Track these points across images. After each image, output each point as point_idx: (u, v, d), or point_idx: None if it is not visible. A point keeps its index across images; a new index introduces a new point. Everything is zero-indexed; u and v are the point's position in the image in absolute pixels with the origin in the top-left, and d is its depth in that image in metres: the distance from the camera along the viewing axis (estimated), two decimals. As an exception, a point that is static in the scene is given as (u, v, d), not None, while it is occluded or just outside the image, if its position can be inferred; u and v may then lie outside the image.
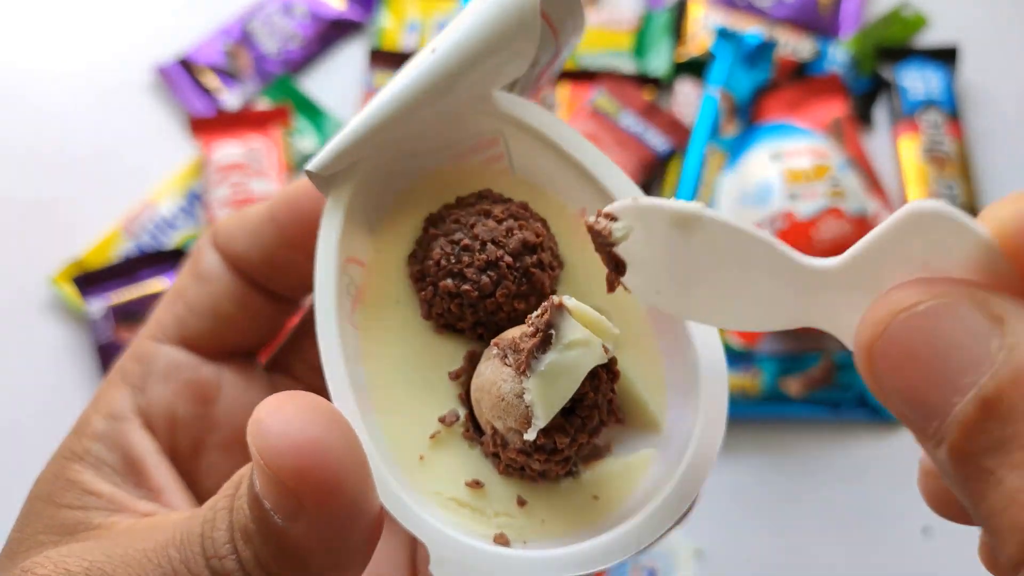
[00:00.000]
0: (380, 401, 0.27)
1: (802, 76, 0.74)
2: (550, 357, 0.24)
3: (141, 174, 0.72)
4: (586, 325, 0.25)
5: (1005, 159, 0.72)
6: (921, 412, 0.18)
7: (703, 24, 0.76)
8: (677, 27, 0.76)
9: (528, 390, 0.24)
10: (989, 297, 0.17)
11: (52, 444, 0.30)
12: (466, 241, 0.27)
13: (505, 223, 0.27)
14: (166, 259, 0.68)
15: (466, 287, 0.27)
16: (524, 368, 0.24)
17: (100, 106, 0.75)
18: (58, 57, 0.77)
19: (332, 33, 0.77)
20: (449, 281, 0.27)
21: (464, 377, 0.28)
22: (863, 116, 0.73)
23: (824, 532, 0.60)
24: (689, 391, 0.27)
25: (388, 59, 0.75)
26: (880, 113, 0.74)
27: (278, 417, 0.22)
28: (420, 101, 0.26)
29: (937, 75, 0.73)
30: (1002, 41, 0.76)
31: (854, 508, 0.60)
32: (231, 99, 0.75)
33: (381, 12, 0.78)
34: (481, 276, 0.27)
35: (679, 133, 0.71)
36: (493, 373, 0.25)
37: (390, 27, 0.77)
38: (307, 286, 0.32)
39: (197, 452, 0.31)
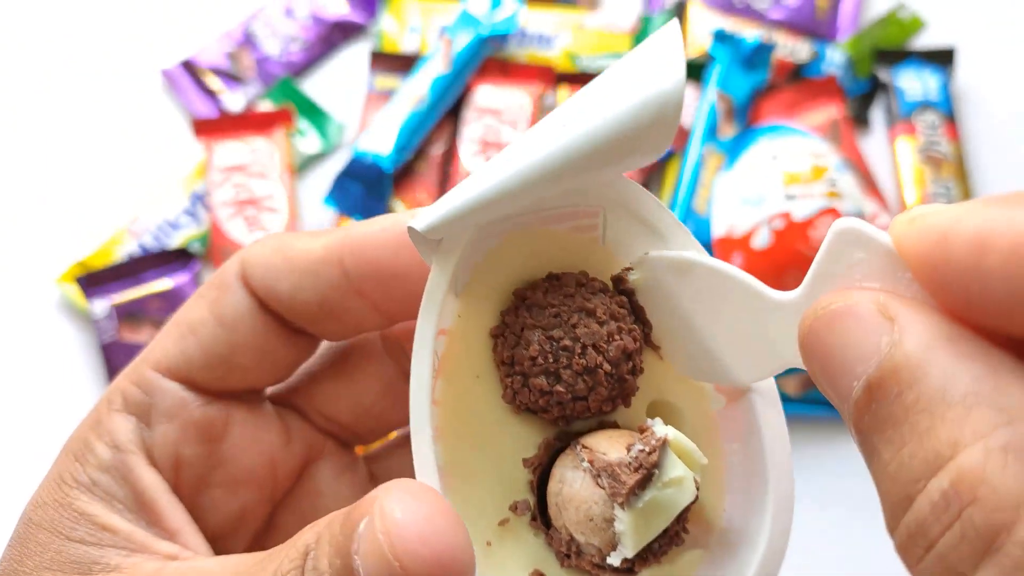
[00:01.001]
0: (454, 483, 0.26)
1: (799, 78, 0.74)
2: (649, 495, 0.24)
3: (145, 175, 0.73)
4: (679, 455, 0.25)
5: (1001, 160, 0.72)
6: (835, 395, 0.21)
7: (701, 27, 0.76)
8: (676, 29, 0.76)
9: (620, 520, 0.25)
10: (889, 301, 0.20)
11: (55, 444, 0.29)
12: (566, 342, 0.26)
13: (606, 326, 0.26)
14: (169, 259, 0.68)
15: (559, 388, 0.26)
16: (623, 502, 0.24)
17: (104, 108, 0.75)
18: (62, 59, 0.77)
19: (334, 35, 0.78)
20: (543, 380, 0.26)
21: (537, 464, 0.27)
22: (860, 118, 0.74)
23: (823, 531, 0.60)
24: (750, 495, 0.28)
25: (390, 61, 0.76)
26: (877, 115, 0.74)
27: (417, 520, 0.22)
28: (544, 183, 0.25)
29: (934, 77, 0.74)
30: (999, 43, 0.76)
31: (853, 507, 0.61)
32: (234, 101, 0.75)
33: (383, 15, 0.79)
34: (577, 380, 0.26)
35: (677, 134, 0.72)
36: (583, 490, 0.25)
37: (392, 30, 0.78)
38: (355, 331, 0.31)
39: (199, 489, 0.30)
